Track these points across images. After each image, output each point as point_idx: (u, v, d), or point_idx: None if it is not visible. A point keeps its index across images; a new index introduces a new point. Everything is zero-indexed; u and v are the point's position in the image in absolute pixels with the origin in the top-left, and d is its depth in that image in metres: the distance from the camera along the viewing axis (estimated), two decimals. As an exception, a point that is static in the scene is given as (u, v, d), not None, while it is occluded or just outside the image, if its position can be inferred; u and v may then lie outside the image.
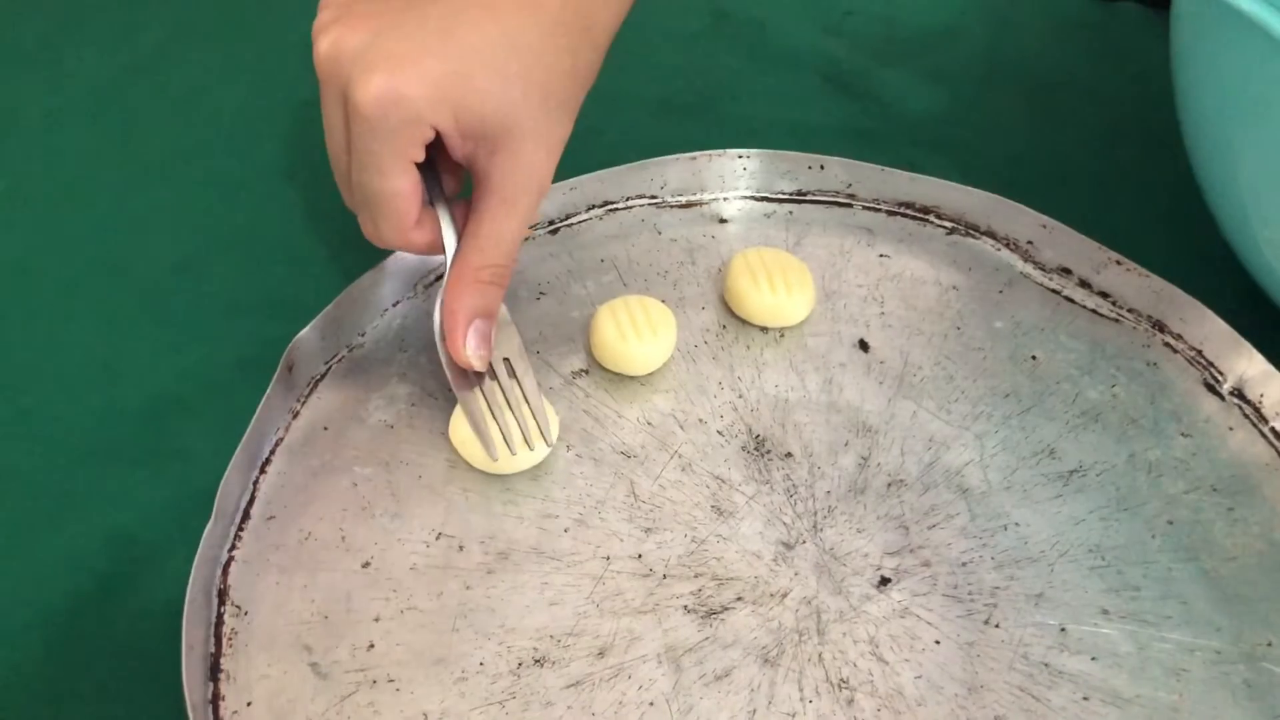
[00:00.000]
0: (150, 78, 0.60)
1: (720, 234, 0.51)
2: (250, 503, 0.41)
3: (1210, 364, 0.46)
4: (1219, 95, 0.43)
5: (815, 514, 0.41)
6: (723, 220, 0.51)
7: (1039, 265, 0.49)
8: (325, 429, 0.43)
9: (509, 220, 0.39)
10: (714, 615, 0.38)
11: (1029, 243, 0.50)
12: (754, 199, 0.52)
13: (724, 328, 0.47)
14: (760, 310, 0.46)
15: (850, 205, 0.52)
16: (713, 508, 0.41)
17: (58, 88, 0.59)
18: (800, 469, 0.42)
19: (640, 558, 0.40)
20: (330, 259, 0.50)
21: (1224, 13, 0.37)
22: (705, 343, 0.46)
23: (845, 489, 0.42)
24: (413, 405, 0.44)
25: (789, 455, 0.43)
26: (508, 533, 0.40)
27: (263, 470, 0.42)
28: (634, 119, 0.58)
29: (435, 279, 0.48)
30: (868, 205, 0.52)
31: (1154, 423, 0.44)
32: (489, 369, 0.41)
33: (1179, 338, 0.47)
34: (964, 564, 0.40)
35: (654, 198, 0.52)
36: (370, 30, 0.36)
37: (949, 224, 0.51)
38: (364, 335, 0.46)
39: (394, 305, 0.47)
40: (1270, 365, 0.44)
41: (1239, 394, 0.45)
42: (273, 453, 0.42)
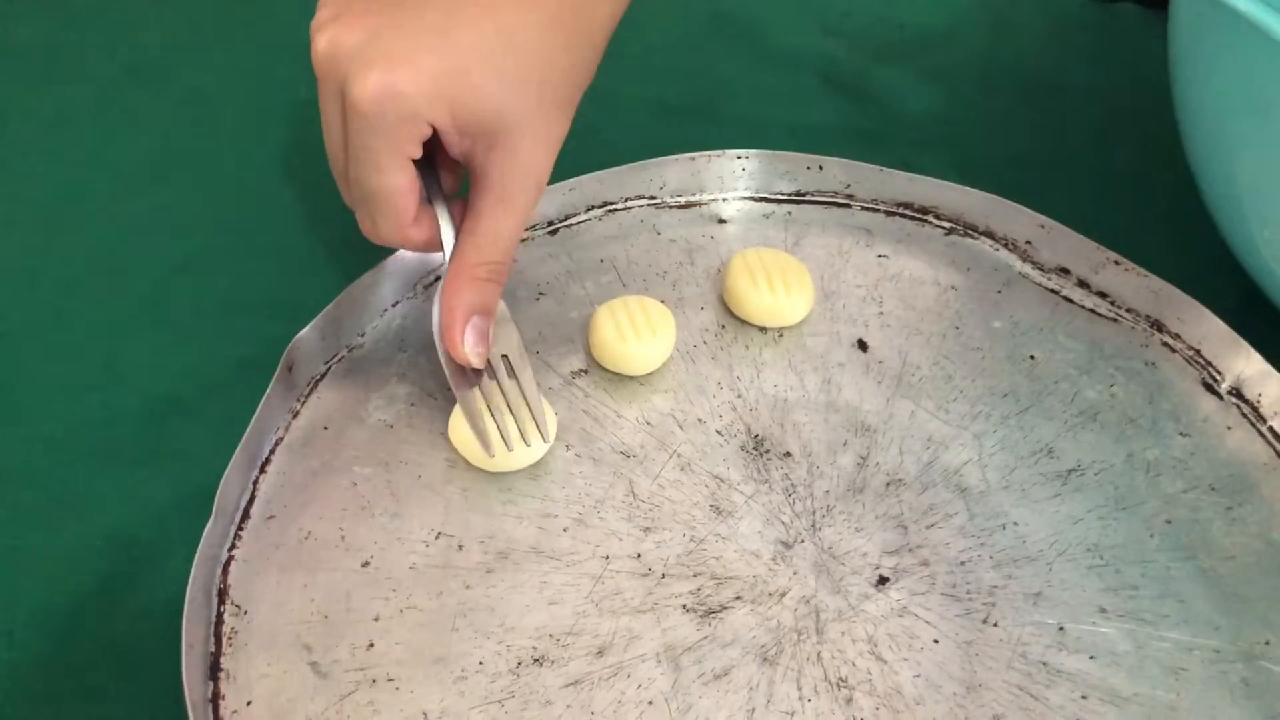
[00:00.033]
0: (151, 79, 0.60)
1: (719, 234, 0.51)
2: (250, 502, 0.41)
3: (1208, 363, 0.46)
4: (1217, 95, 0.43)
5: (814, 513, 0.41)
6: (722, 221, 0.51)
7: (1037, 265, 0.50)
8: (325, 429, 0.43)
9: (507, 217, 0.40)
10: (713, 614, 0.38)
11: (1027, 243, 0.50)
12: (753, 199, 0.52)
13: (723, 328, 0.47)
14: (759, 310, 0.46)
15: (849, 205, 0.52)
16: (711, 507, 0.41)
17: (59, 89, 0.59)
18: (799, 468, 0.42)
19: (639, 557, 0.40)
20: (330, 259, 0.50)
21: (1221, 13, 0.37)
22: (704, 343, 0.46)
23: (844, 488, 0.42)
24: (412, 405, 0.44)
25: (788, 455, 0.43)
26: (507, 532, 0.40)
27: (263, 470, 0.42)
28: (633, 119, 0.58)
29: (435, 279, 0.48)
30: (866, 205, 0.52)
31: (1152, 422, 0.44)
32: (487, 367, 0.41)
33: (1177, 337, 0.47)
34: (962, 563, 0.40)
35: (653, 198, 0.52)
36: (368, 28, 0.37)
37: (947, 224, 0.51)
38: (364, 335, 0.46)
39: (394, 305, 0.47)
40: (1268, 364, 0.44)
41: (1237, 393, 0.45)
42: (272, 452, 0.42)
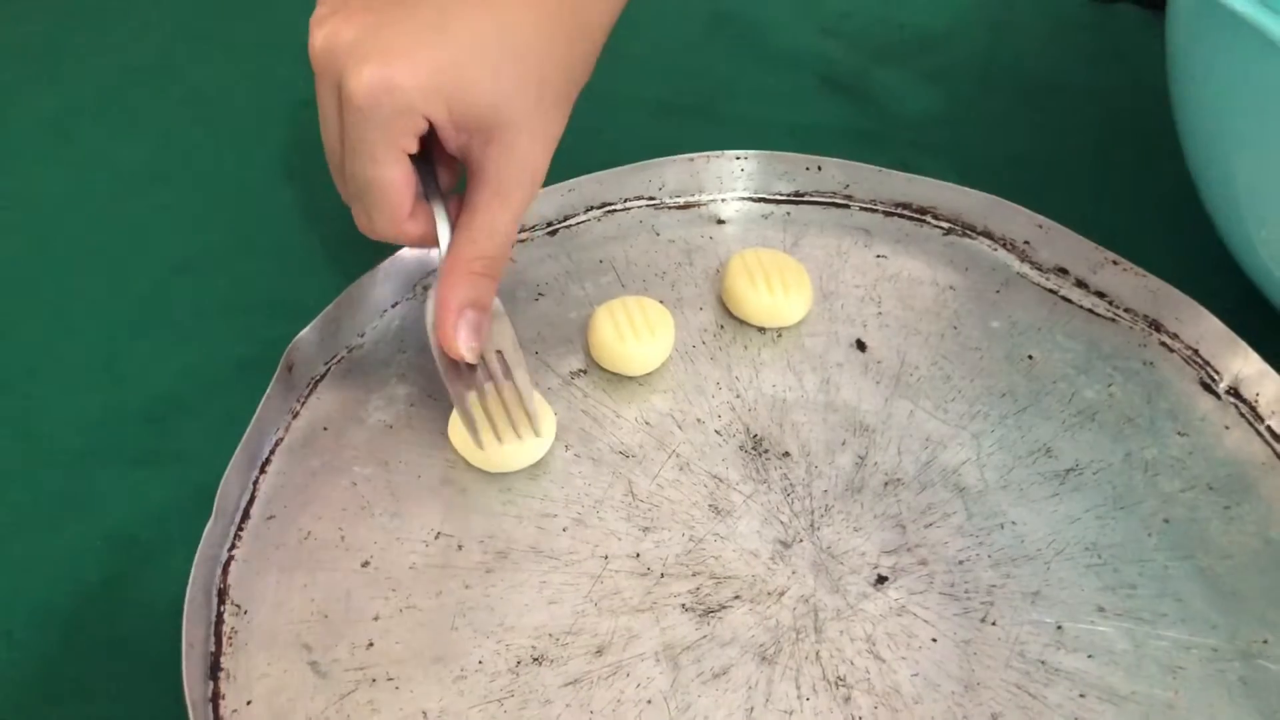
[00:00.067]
0: (151, 80, 0.60)
1: (718, 235, 0.51)
2: (250, 502, 0.41)
3: (1206, 363, 0.46)
4: (1214, 96, 0.43)
5: (812, 513, 0.41)
6: (720, 221, 0.51)
7: (1035, 265, 0.50)
8: (325, 429, 0.43)
9: (502, 212, 0.39)
10: (711, 614, 0.38)
11: (1026, 243, 0.50)
12: (751, 200, 0.52)
13: (722, 328, 0.47)
14: (758, 310, 0.46)
15: (847, 206, 0.52)
16: (710, 507, 0.41)
17: (59, 91, 0.59)
18: (798, 468, 0.42)
19: (638, 557, 0.40)
20: (330, 259, 0.50)
21: (1218, 13, 0.38)
22: (703, 343, 0.46)
23: (842, 488, 0.42)
24: (412, 405, 0.44)
25: (786, 454, 0.43)
26: (506, 532, 0.40)
27: (262, 470, 0.42)
28: (632, 120, 0.58)
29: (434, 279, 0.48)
30: (865, 206, 0.52)
31: (1150, 421, 0.44)
32: (481, 362, 0.41)
33: (1175, 337, 0.47)
34: (961, 562, 0.40)
35: (652, 199, 0.52)
36: (365, 24, 0.37)
37: (946, 224, 0.51)
38: (363, 336, 0.46)
39: (393, 306, 0.47)
40: (1266, 364, 0.44)
41: (1235, 393, 0.45)
42: (272, 453, 0.42)
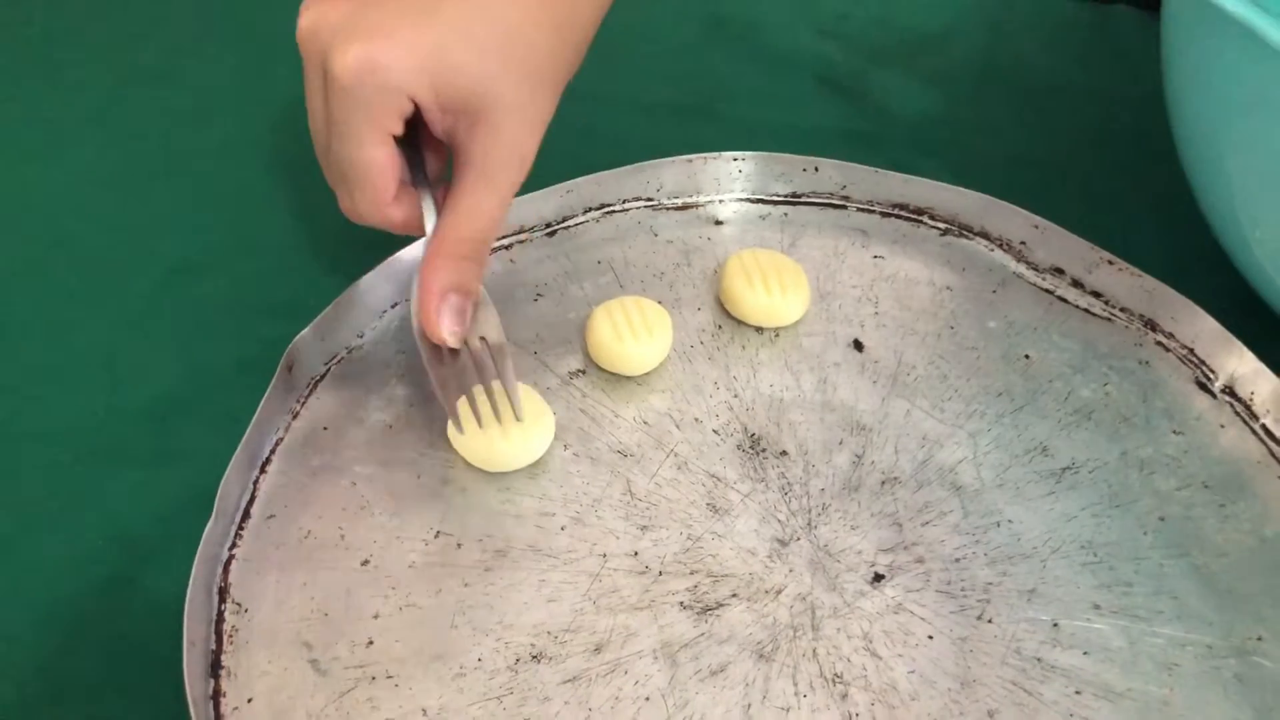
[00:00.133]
0: (150, 84, 0.60)
1: (716, 236, 0.51)
2: (250, 502, 0.41)
3: (1202, 362, 0.46)
4: (1209, 96, 0.43)
5: (810, 511, 0.41)
6: (718, 222, 0.52)
7: (1032, 265, 0.50)
8: (325, 429, 0.43)
9: (488, 195, 0.39)
10: (709, 611, 0.39)
11: (1022, 243, 0.50)
12: (749, 201, 0.52)
13: (719, 328, 0.47)
14: (755, 311, 0.47)
15: (845, 207, 0.52)
16: (708, 505, 0.41)
17: (60, 94, 0.59)
18: (795, 467, 0.43)
19: (636, 555, 0.40)
20: (329, 261, 0.51)
21: (1211, 14, 0.38)
22: (701, 343, 0.47)
23: (839, 487, 0.42)
24: (411, 406, 0.44)
25: (784, 454, 0.43)
26: (505, 531, 0.40)
27: (263, 470, 0.42)
28: (630, 122, 0.58)
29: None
30: (862, 207, 0.52)
31: (1146, 420, 0.44)
32: (465, 347, 0.41)
33: (1171, 336, 0.47)
34: (957, 560, 0.40)
35: (650, 200, 0.52)
36: (352, 6, 0.37)
37: (943, 225, 0.51)
38: (363, 336, 0.46)
39: (392, 307, 0.47)
40: (1261, 363, 0.44)
41: (1230, 392, 0.45)
42: (273, 452, 0.42)
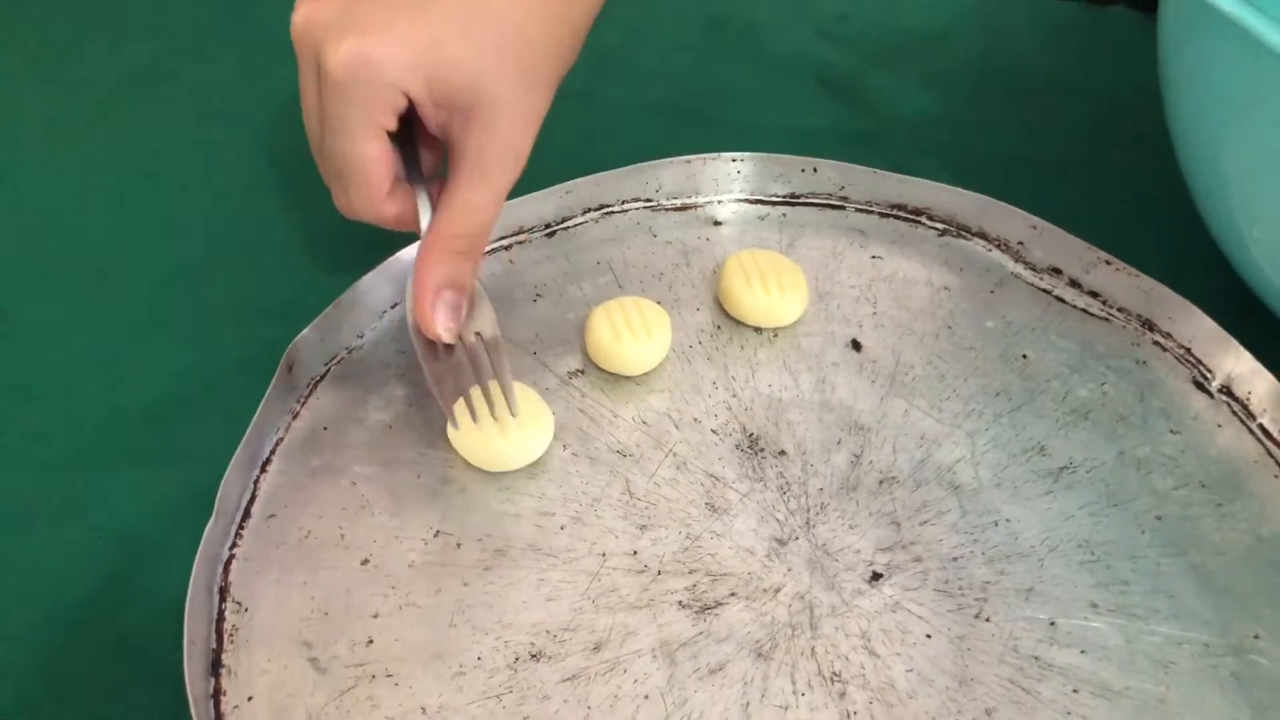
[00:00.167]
0: (150, 85, 0.60)
1: (714, 236, 0.51)
2: (251, 501, 0.41)
3: (1199, 362, 0.46)
4: (1205, 97, 0.43)
5: (808, 511, 0.41)
6: (717, 223, 0.52)
7: (1029, 265, 0.50)
8: (325, 429, 0.43)
9: (483, 190, 0.39)
10: (708, 610, 0.39)
11: (1020, 243, 0.50)
12: (748, 202, 0.53)
13: (718, 328, 0.47)
14: (754, 311, 0.47)
15: (843, 207, 0.52)
16: (707, 505, 0.42)
17: (60, 95, 0.60)
18: (793, 467, 0.43)
19: (635, 554, 0.40)
20: (330, 261, 0.51)
21: (1207, 14, 0.38)
22: (700, 343, 0.47)
23: (838, 486, 0.42)
24: (411, 406, 0.44)
25: (782, 453, 0.43)
26: (505, 530, 0.41)
27: (263, 470, 0.42)
28: (629, 123, 0.58)
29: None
30: (860, 207, 0.52)
31: (1143, 420, 0.45)
32: (460, 342, 0.41)
33: (1168, 336, 0.47)
34: (955, 559, 0.40)
35: (649, 201, 0.52)
36: (345, 1, 0.37)
37: (941, 225, 0.52)
38: (363, 337, 0.47)
39: (392, 307, 0.48)
40: (1258, 363, 0.44)
41: (1227, 391, 0.45)
42: (273, 452, 0.43)
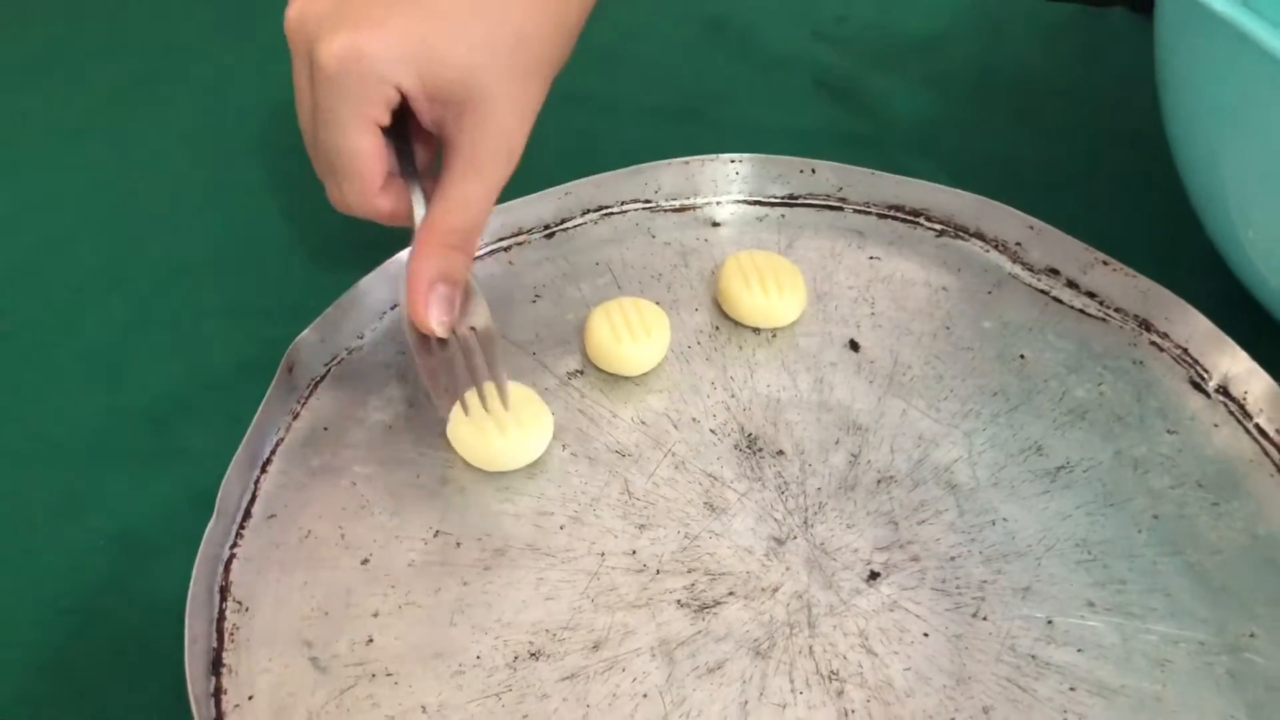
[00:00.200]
0: (150, 87, 0.61)
1: (713, 237, 0.51)
2: (251, 502, 0.41)
3: (1195, 362, 0.46)
4: (1201, 98, 0.43)
5: (806, 510, 0.42)
6: (715, 224, 0.52)
7: (1027, 266, 0.50)
8: (325, 429, 0.44)
9: (476, 184, 0.39)
10: (706, 609, 0.39)
11: (1017, 244, 0.50)
12: (746, 203, 0.53)
13: (717, 329, 0.48)
14: (752, 312, 0.47)
15: (841, 208, 0.53)
16: (705, 504, 0.42)
17: (61, 98, 0.60)
18: (791, 466, 0.43)
19: (634, 553, 0.40)
20: (330, 262, 0.51)
21: (1202, 16, 0.38)
22: (698, 344, 0.47)
23: (836, 486, 0.42)
24: (410, 406, 0.44)
25: (780, 453, 0.43)
26: (504, 530, 0.41)
27: (263, 470, 0.42)
28: (628, 125, 0.58)
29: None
30: (858, 208, 0.53)
31: (1140, 420, 0.45)
32: (453, 336, 0.40)
33: (1165, 336, 0.47)
34: (952, 558, 0.40)
35: (648, 202, 0.52)
36: None
37: (938, 226, 0.52)
38: (363, 337, 0.47)
39: (392, 308, 0.48)
40: (1254, 363, 0.45)
41: (1224, 391, 0.46)
42: (273, 453, 0.43)
